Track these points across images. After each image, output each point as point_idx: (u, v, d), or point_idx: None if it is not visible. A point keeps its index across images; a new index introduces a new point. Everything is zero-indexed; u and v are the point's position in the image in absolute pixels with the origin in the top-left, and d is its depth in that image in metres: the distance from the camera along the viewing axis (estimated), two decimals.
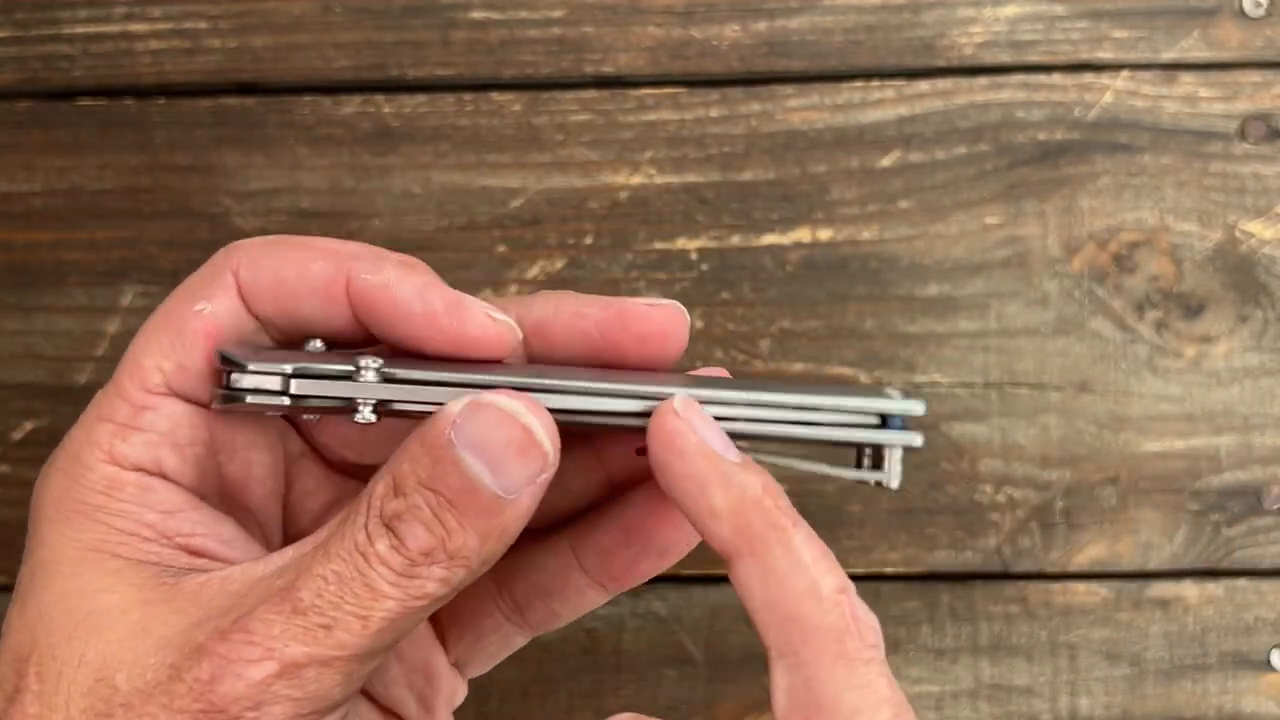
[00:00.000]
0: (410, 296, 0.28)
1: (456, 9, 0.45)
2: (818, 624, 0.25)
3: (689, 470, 0.26)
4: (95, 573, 0.27)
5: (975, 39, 0.44)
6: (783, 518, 0.26)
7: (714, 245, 0.45)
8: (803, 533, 0.26)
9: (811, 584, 0.25)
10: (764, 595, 0.26)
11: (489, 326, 0.28)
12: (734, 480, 0.26)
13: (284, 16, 0.45)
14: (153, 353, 0.29)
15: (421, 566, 0.26)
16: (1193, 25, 0.44)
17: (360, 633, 0.26)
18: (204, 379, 0.28)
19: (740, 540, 0.26)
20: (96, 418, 0.29)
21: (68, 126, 0.45)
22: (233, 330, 0.28)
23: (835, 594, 0.26)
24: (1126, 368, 0.45)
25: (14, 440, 0.46)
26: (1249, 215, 0.44)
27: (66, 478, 0.28)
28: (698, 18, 0.45)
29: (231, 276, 0.29)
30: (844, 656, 0.25)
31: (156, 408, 0.28)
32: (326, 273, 0.28)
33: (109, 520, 0.28)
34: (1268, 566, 0.45)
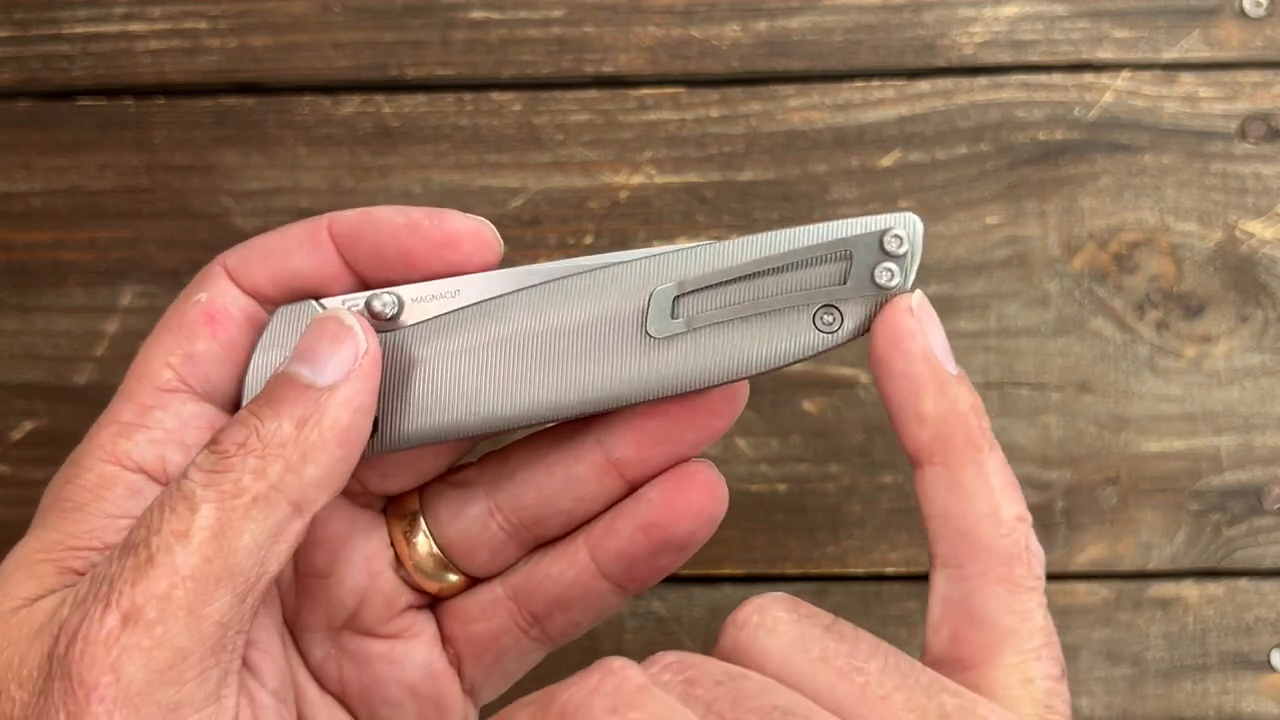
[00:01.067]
0: (390, 213, 0.29)
1: (456, 9, 0.45)
2: (991, 545, 0.25)
3: (911, 370, 0.26)
4: (21, 576, 0.27)
5: (975, 39, 0.44)
6: (982, 438, 0.26)
7: None
8: (997, 458, 0.26)
9: (994, 506, 0.26)
10: (945, 505, 0.26)
11: (469, 222, 0.29)
12: (948, 391, 0.26)
13: (284, 16, 0.45)
14: (158, 352, 0.29)
15: (235, 459, 0.25)
16: (1193, 25, 0.44)
17: (182, 551, 0.25)
18: (213, 364, 0.29)
19: (937, 447, 0.26)
20: (102, 422, 0.28)
21: (67, 126, 0.45)
22: (234, 310, 0.29)
23: (1014, 521, 0.26)
24: (1127, 368, 0.45)
25: (13, 440, 0.46)
26: (1249, 215, 0.44)
27: (62, 481, 0.28)
28: (698, 18, 0.45)
29: (220, 268, 0.29)
30: (1009, 580, 0.25)
31: (165, 406, 0.28)
32: (306, 228, 0.29)
33: (78, 521, 0.27)
34: (1268, 567, 0.45)
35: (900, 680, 0.23)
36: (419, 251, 0.29)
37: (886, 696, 0.23)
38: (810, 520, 0.44)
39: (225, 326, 0.29)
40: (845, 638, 0.24)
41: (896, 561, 0.45)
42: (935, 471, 0.26)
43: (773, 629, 0.24)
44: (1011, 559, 0.25)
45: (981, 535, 0.25)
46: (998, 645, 0.25)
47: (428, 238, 0.29)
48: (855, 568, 0.44)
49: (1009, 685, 0.25)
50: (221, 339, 0.29)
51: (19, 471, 0.45)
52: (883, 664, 0.24)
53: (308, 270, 0.29)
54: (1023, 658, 0.25)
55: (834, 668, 0.24)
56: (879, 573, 0.45)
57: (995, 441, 0.27)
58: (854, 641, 0.24)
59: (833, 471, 0.44)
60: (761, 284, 0.28)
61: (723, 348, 0.28)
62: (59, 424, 0.45)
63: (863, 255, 0.28)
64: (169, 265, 0.45)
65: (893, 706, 0.23)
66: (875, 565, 0.45)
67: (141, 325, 0.45)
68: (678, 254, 0.28)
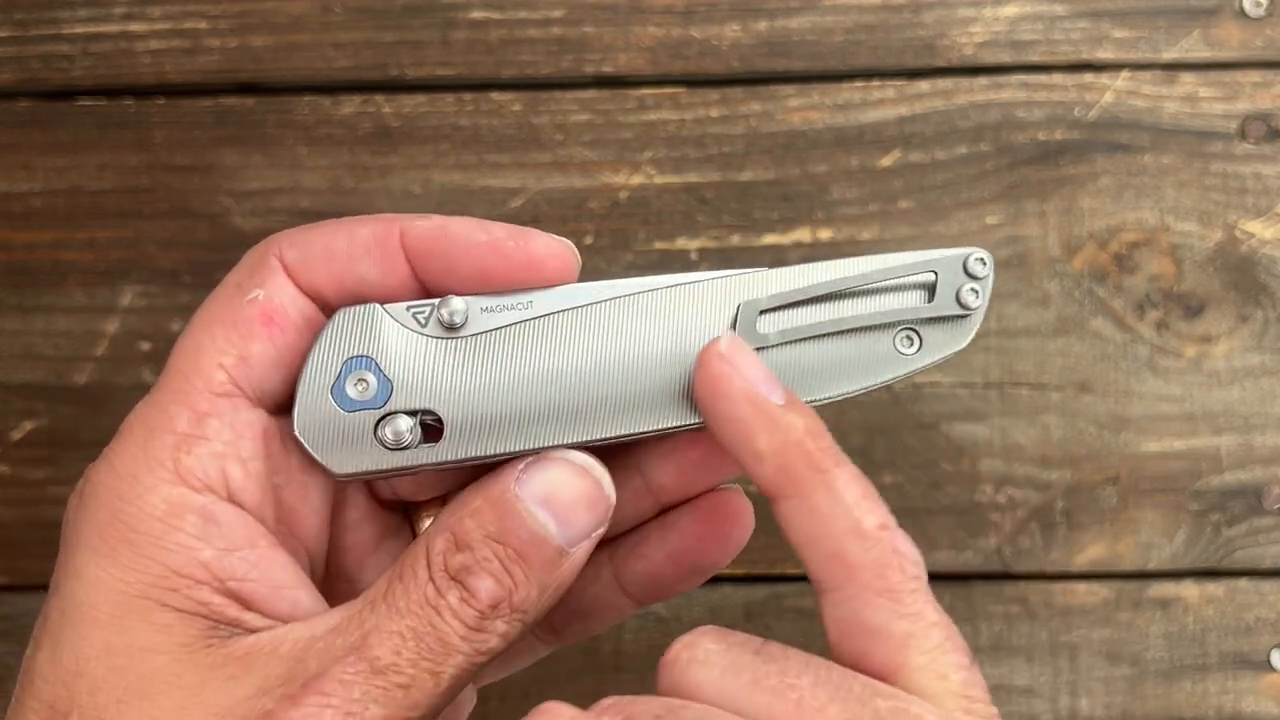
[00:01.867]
0: (471, 229, 0.28)
1: (456, 9, 0.45)
2: (861, 560, 0.25)
3: (734, 414, 0.26)
4: (143, 628, 0.25)
5: (975, 39, 0.44)
6: (825, 459, 0.26)
7: (714, 245, 0.45)
8: (846, 473, 0.26)
9: (854, 523, 0.25)
10: (808, 533, 0.26)
11: (554, 244, 0.28)
12: (778, 424, 0.26)
13: (284, 16, 0.45)
14: (209, 350, 0.27)
15: (489, 619, 0.26)
16: (1193, 25, 0.44)
17: (432, 691, 0.25)
18: (268, 368, 0.27)
19: (784, 481, 0.26)
20: (153, 428, 0.26)
21: (67, 126, 0.45)
22: (292, 311, 0.27)
23: (877, 530, 0.25)
24: (1127, 368, 0.45)
25: (13, 440, 0.45)
26: (1249, 215, 0.44)
27: (117, 499, 0.26)
28: (698, 18, 0.45)
29: (276, 261, 0.28)
30: (888, 589, 0.25)
31: (221, 414, 0.27)
32: (377, 231, 0.28)
33: (161, 557, 0.26)
34: (1268, 567, 0.45)
35: (833, 691, 0.24)
36: (498, 270, 0.28)
37: (821, 709, 0.24)
38: None
39: (284, 330, 0.27)
40: (775, 658, 0.25)
41: None
42: (790, 504, 0.26)
43: (704, 661, 0.25)
44: (883, 568, 0.25)
45: (849, 553, 0.25)
46: (900, 652, 0.25)
47: (511, 259, 0.28)
48: None
49: (925, 684, 0.25)
50: (278, 342, 0.27)
51: (19, 471, 0.45)
52: (814, 678, 0.24)
53: (374, 278, 0.28)
54: (928, 656, 0.25)
55: (767, 688, 0.24)
56: None
57: (841, 456, 0.26)
58: (783, 660, 0.25)
59: None
60: (844, 305, 0.29)
61: (804, 365, 0.29)
62: (59, 424, 0.45)
63: (948, 276, 0.28)
64: (169, 265, 0.45)
65: (828, 717, 0.23)
66: None
67: (142, 325, 0.45)
68: (760, 274, 0.29)
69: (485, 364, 0.28)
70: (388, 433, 0.27)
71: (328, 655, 0.25)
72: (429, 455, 0.27)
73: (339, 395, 0.27)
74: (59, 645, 0.26)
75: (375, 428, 0.27)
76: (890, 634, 0.25)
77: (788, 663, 0.25)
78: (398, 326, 0.28)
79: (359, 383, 0.27)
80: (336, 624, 0.26)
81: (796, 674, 0.24)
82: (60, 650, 0.26)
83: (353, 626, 0.26)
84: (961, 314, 0.29)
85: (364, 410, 0.27)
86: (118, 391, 0.45)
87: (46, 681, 0.26)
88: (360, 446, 0.27)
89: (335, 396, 0.27)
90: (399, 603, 0.26)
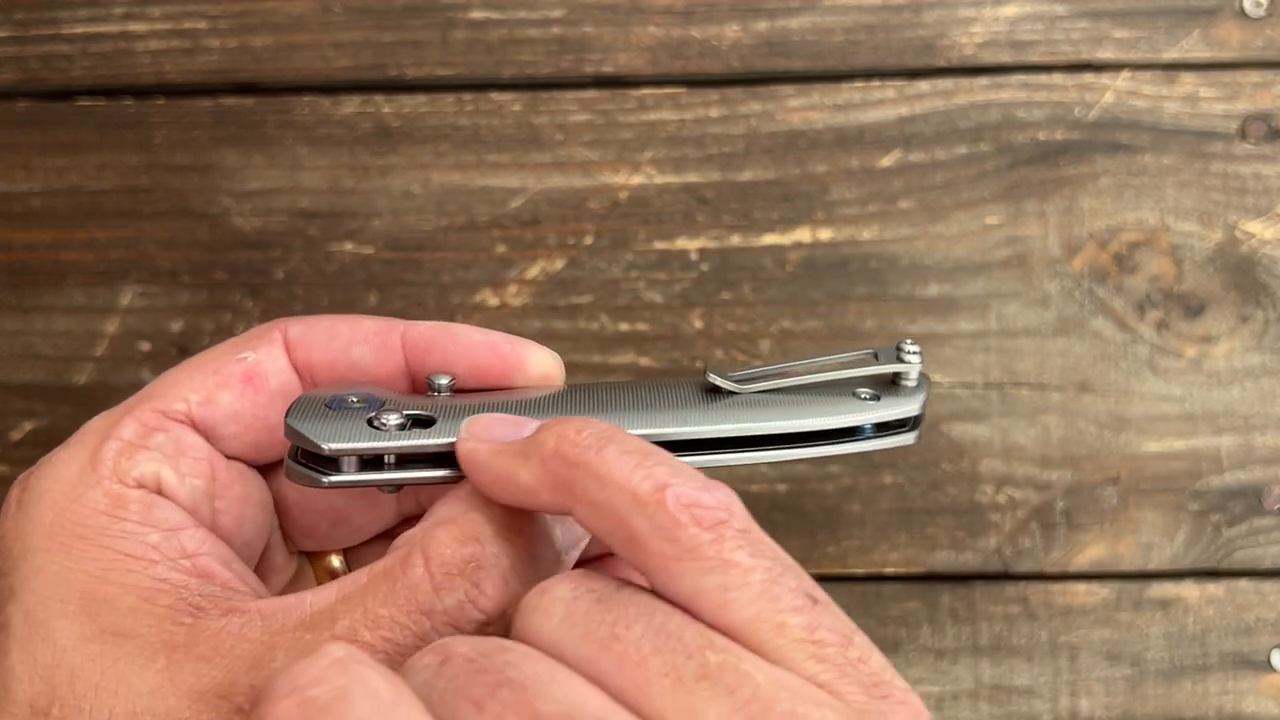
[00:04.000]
0: (471, 331, 0.30)
1: (456, 9, 0.45)
2: (647, 532, 0.23)
3: (493, 474, 0.25)
4: (111, 613, 0.26)
5: (975, 39, 0.44)
6: (582, 453, 0.24)
7: (714, 245, 0.45)
8: (612, 452, 0.24)
9: (630, 497, 0.23)
10: (605, 532, 0.24)
11: (544, 354, 0.30)
12: (529, 451, 0.25)
13: (284, 16, 0.45)
14: (181, 385, 0.29)
15: (493, 625, 0.25)
16: (1193, 25, 0.44)
17: None
18: (228, 418, 0.29)
19: (560, 495, 0.24)
20: (101, 437, 0.28)
21: (67, 126, 0.45)
22: (273, 379, 0.29)
23: (654, 494, 0.23)
24: (1127, 368, 0.45)
25: (13, 441, 0.45)
26: (1249, 215, 0.44)
27: (63, 499, 0.27)
28: (698, 18, 0.45)
29: (278, 333, 0.30)
30: (685, 551, 0.23)
31: (167, 431, 0.28)
32: (380, 326, 0.30)
33: (113, 544, 0.27)
34: (1268, 567, 0.45)
35: (659, 643, 0.22)
36: (492, 369, 0.30)
37: (642, 661, 0.22)
38: (810, 520, 0.44)
39: (258, 391, 0.29)
40: (614, 606, 0.23)
41: (896, 562, 0.45)
42: (581, 512, 0.24)
43: (547, 610, 0.23)
44: (672, 529, 0.23)
45: (638, 530, 0.23)
46: (722, 611, 0.22)
47: (506, 359, 0.30)
48: (855, 568, 0.44)
49: (763, 639, 0.22)
50: (248, 400, 0.29)
51: (19, 472, 0.45)
52: (645, 627, 0.22)
53: (368, 364, 0.30)
54: (754, 608, 0.22)
55: (595, 640, 0.22)
56: (879, 573, 0.45)
57: (606, 438, 0.24)
58: (622, 609, 0.23)
59: (832, 472, 0.44)
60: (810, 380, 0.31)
61: (775, 410, 0.29)
62: (59, 424, 0.45)
63: (885, 356, 0.31)
64: (168, 265, 0.45)
65: (647, 671, 0.22)
66: (875, 565, 0.45)
67: (142, 325, 0.45)
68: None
69: (469, 397, 0.29)
70: (382, 419, 0.28)
71: (295, 651, 0.25)
72: (421, 438, 0.27)
73: (333, 404, 0.28)
74: (31, 644, 0.26)
75: (369, 420, 0.28)
76: (706, 596, 0.22)
77: (625, 611, 0.22)
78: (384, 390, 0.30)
79: (351, 400, 0.28)
80: (307, 616, 0.26)
81: (628, 624, 0.22)
82: (34, 648, 0.26)
83: (324, 623, 0.25)
84: (902, 368, 0.30)
85: (357, 410, 0.28)
86: (118, 391, 0.45)
87: (22, 682, 0.26)
88: (352, 430, 0.27)
89: (328, 404, 0.28)
90: (378, 609, 0.25)
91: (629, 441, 0.24)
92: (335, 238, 0.45)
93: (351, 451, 0.27)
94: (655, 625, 0.22)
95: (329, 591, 0.26)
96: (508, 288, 0.45)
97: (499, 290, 0.45)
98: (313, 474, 0.27)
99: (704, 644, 0.22)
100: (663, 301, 0.45)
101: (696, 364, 0.45)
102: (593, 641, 0.22)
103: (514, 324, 0.45)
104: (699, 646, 0.22)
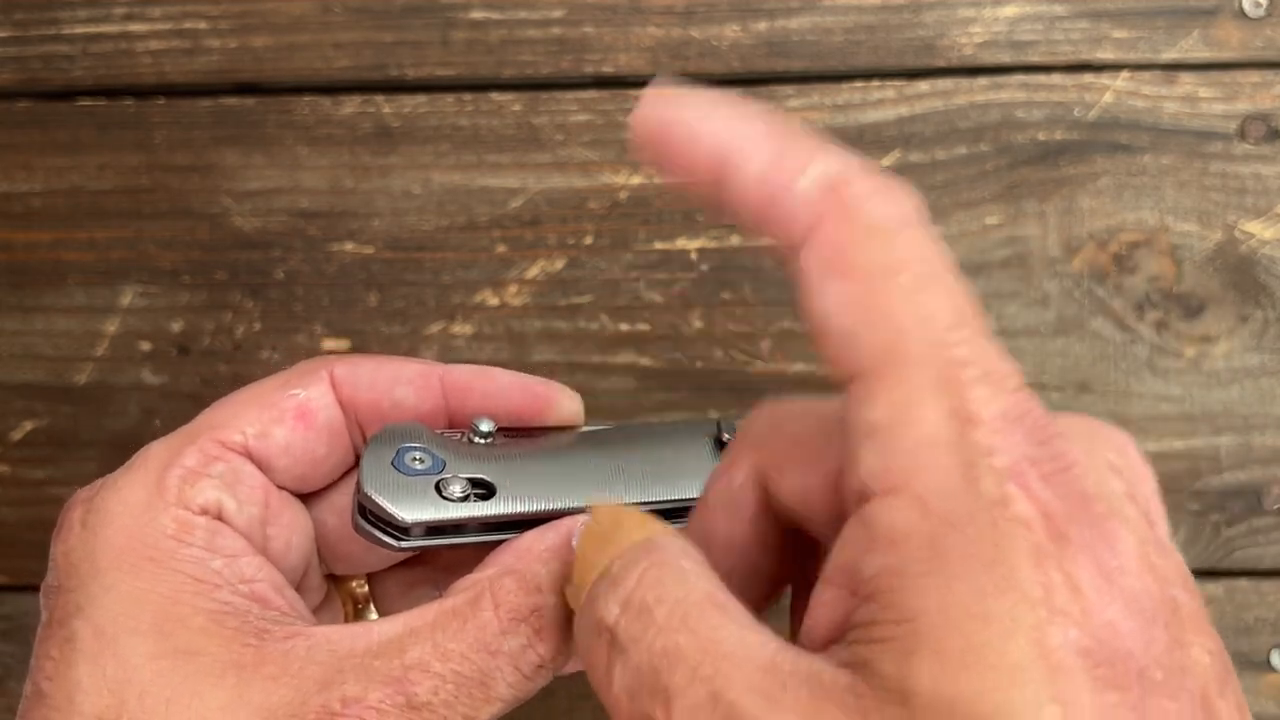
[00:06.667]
0: (507, 375, 0.32)
1: (456, 9, 0.45)
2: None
3: (719, 142, 0.22)
4: (183, 632, 0.27)
5: (975, 39, 0.44)
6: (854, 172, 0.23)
7: (714, 245, 0.45)
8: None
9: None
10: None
11: (570, 395, 0.33)
12: (774, 139, 0.22)
13: (284, 16, 0.45)
14: (240, 417, 0.30)
15: (547, 669, 0.27)
16: (1193, 25, 0.44)
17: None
18: (282, 452, 0.30)
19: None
20: (165, 464, 0.29)
21: (67, 126, 0.45)
22: (321, 415, 0.31)
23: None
24: (1126, 368, 0.45)
25: (13, 440, 0.46)
26: (1249, 215, 0.44)
27: (133, 523, 0.28)
28: (698, 18, 0.45)
29: (326, 372, 0.31)
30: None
31: (227, 461, 0.29)
32: (422, 369, 0.32)
33: (182, 568, 0.28)
34: (1268, 567, 0.45)
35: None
36: (527, 409, 0.32)
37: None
38: None
39: (310, 427, 0.31)
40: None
41: None
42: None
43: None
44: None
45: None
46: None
47: (538, 397, 0.32)
48: None
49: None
50: (302, 435, 0.31)
51: (19, 471, 0.45)
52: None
53: (410, 404, 0.32)
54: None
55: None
56: None
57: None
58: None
59: None
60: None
61: None
62: (59, 424, 0.45)
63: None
64: (169, 265, 0.45)
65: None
66: None
67: (142, 325, 0.45)
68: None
69: (517, 451, 0.32)
70: (450, 489, 0.30)
71: (365, 676, 0.26)
72: (486, 509, 0.30)
73: (399, 465, 0.30)
74: (101, 658, 0.27)
75: (436, 487, 0.30)
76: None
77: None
78: (438, 434, 0.31)
79: (415, 459, 0.30)
80: (374, 644, 0.27)
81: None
82: (103, 663, 0.27)
83: (392, 652, 0.26)
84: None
85: (424, 475, 0.30)
86: (118, 391, 0.45)
87: (90, 695, 0.26)
88: (424, 500, 0.29)
89: (396, 466, 0.30)
90: (448, 644, 0.27)
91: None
92: (335, 238, 0.45)
93: (425, 523, 0.29)
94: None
95: (395, 624, 0.27)
96: (508, 288, 0.45)
97: (499, 290, 0.45)
98: (386, 538, 0.29)
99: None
100: (663, 301, 0.45)
101: (697, 364, 0.45)
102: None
103: (514, 324, 0.45)
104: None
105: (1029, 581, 0.19)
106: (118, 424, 0.45)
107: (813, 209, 0.22)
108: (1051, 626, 0.19)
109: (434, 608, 0.27)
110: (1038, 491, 0.20)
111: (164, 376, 0.45)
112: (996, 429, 0.20)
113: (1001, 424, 0.21)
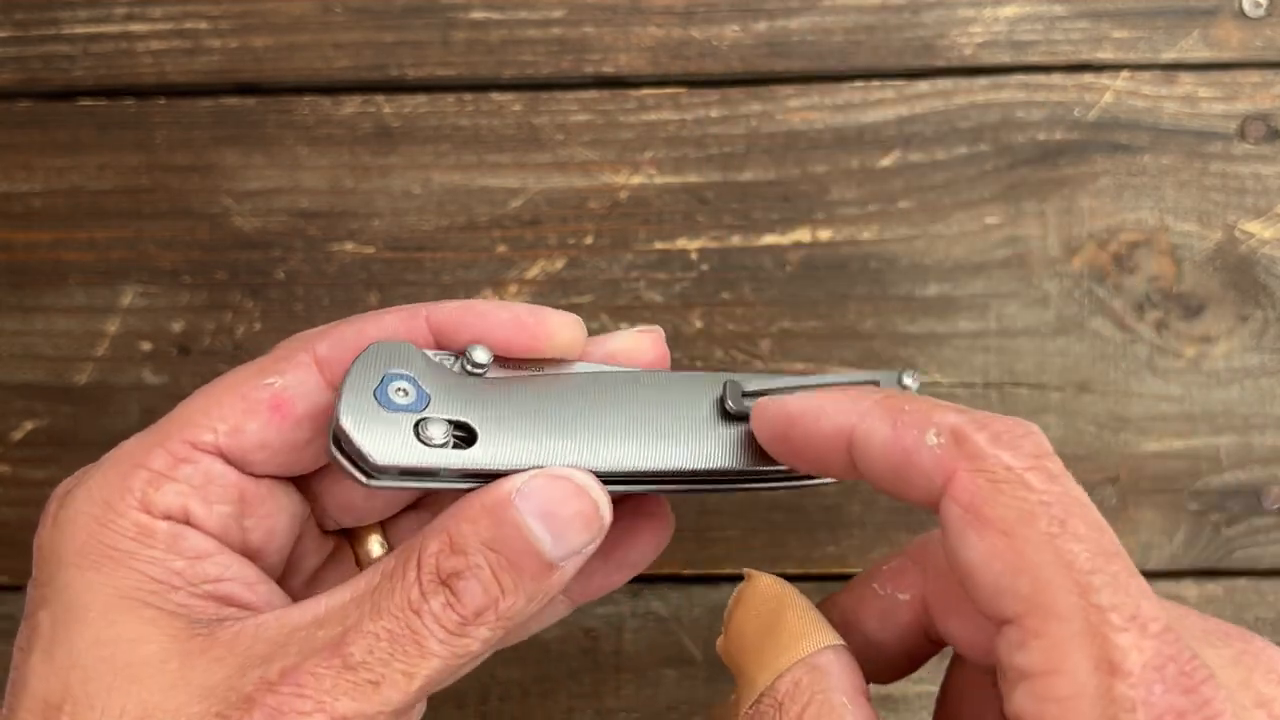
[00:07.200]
0: (493, 307, 0.31)
1: (456, 9, 0.45)
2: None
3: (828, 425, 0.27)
4: (131, 621, 0.27)
5: (975, 39, 0.44)
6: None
7: (714, 245, 0.45)
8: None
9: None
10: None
11: (565, 317, 0.31)
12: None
13: (284, 16, 0.45)
14: (210, 413, 0.29)
15: (471, 625, 0.27)
16: (1193, 25, 0.44)
17: (404, 689, 0.26)
18: (256, 446, 0.30)
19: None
20: (132, 464, 0.29)
21: (67, 126, 0.45)
22: (301, 403, 0.30)
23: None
24: (1126, 368, 0.45)
25: (14, 440, 0.46)
26: (1249, 215, 0.44)
27: (95, 522, 0.28)
28: (698, 18, 0.45)
29: (307, 356, 0.30)
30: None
31: (196, 462, 0.29)
32: (405, 314, 0.31)
33: (141, 567, 0.28)
34: (1268, 566, 0.45)
35: None
36: (519, 341, 0.31)
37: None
38: (810, 520, 0.44)
39: (285, 418, 0.30)
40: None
41: None
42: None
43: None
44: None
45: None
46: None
47: (530, 329, 0.31)
48: (855, 567, 0.44)
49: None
50: (275, 428, 0.30)
51: (19, 471, 0.45)
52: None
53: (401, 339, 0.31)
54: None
55: None
56: None
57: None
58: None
59: None
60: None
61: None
62: (59, 424, 0.45)
63: (887, 382, 0.32)
64: (169, 265, 0.45)
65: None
66: None
67: (142, 325, 0.45)
68: (738, 375, 0.32)
69: (509, 393, 0.30)
70: (428, 431, 0.29)
71: (307, 645, 0.27)
72: (461, 459, 0.29)
73: (381, 397, 0.29)
74: (52, 646, 0.27)
75: (415, 428, 0.29)
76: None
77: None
78: (429, 359, 0.30)
79: (399, 391, 0.29)
80: (321, 614, 0.27)
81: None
82: (54, 650, 0.27)
83: (335, 619, 0.27)
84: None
85: (405, 412, 0.29)
86: (118, 391, 0.45)
87: (40, 679, 0.27)
88: (401, 442, 0.28)
89: (378, 397, 0.29)
90: (381, 602, 0.27)
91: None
92: (335, 238, 0.45)
93: (399, 466, 0.28)
94: None
95: (344, 591, 0.28)
96: (508, 288, 0.45)
97: (499, 290, 0.45)
98: (356, 473, 0.29)
99: None
100: (663, 301, 0.45)
101: (697, 364, 0.45)
102: None
103: None
104: None
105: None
106: (118, 424, 0.45)
107: (942, 466, 0.25)
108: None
109: (377, 569, 0.28)
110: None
111: (164, 376, 0.45)
112: (1140, 681, 0.22)
113: (1146, 675, 0.22)
